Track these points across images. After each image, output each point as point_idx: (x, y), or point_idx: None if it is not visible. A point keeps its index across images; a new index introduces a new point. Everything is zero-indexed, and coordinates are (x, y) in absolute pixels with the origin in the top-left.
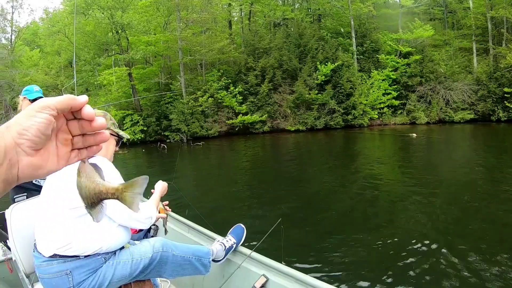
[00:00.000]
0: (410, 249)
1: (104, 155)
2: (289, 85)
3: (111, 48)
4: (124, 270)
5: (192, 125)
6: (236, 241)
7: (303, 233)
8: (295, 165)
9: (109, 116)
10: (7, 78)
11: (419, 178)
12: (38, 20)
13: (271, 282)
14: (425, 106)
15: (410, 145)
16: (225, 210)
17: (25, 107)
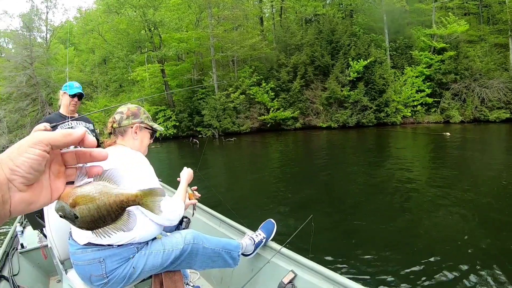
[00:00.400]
0: (441, 252)
1: (138, 148)
2: (321, 81)
3: (144, 45)
4: (156, 260)
5: (224, 121)
6: (266, 236)
7: (333, 231)
8: (327, 163)
9: (143, 110)
10: (43, 75)
11: (452, 179)
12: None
13: (299, 278)
14: (460, 104)
15: (443, 145)
16: (255, 205)
17: (64, 102)
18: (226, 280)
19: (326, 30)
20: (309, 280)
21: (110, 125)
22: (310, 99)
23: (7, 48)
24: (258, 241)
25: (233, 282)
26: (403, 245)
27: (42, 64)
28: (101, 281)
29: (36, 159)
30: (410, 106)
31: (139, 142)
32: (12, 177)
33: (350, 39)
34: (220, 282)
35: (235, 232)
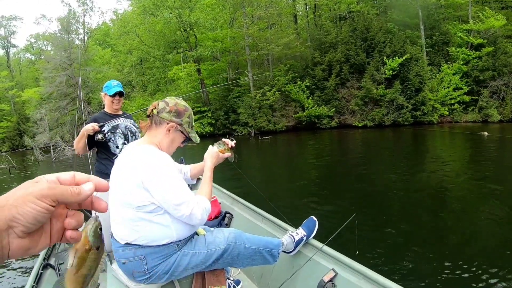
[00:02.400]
0: (486, 258)
1: (166, 147)
2: (357, 79)
3: (180, 45)
4: (198, 259)
5: (259, 119)
6: (307, 233)
7: (374, 231)
8: (364, 162)
9: (190, 113)
10: (82, 75)
11: (491, 181)
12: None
13: (340, 277)
14: (498, 102)
15: (481, 145)
16: (294, 204)
17: (107, 102)
18: (266, 276)
19: (361, 27)
20: (349, 279)
21: (151, 108)
22: (346, 98)
23: (47, 50)
24: (298, 239)
25: (273, 279)
26: (445, 248)
27: (81, 65)
28: (143, 276)
29: (42, 212)
30: (447, 105)
31: (169, 141)
32: (13, 224)
33: (385, 36)
34: (260, 278)
35: (276, 229)
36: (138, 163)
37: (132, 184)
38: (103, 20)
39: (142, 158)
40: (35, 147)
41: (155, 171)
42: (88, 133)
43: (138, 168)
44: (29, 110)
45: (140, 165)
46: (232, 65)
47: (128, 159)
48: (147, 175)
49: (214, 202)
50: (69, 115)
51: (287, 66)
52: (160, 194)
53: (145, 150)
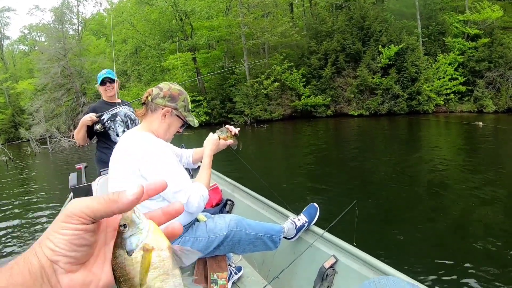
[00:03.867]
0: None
1: (163, 133)
2: (353, 68)
3: (175, 34)
4: (199, 246)
5: (255, 108)
6: (308, 220)
7: (374, 219)
8: (361, 150)
9: (185, 96)
10: (77, 65)
11: (484, 170)
12: (103, 11)
13: (340, 263)
14: (494, 93)
15: (476, 135)
16: (293, 191)
17: (102, 92)
18: (267, 262)
19: (357, 16)
20: (350, 265)
21: (146, 95)
22: (342, 87)
23: (40, 41)
24: (300, 225)
25: (274, 265)
26: (441, 233)
27: (75, 55)
28: None
29: (75, 234)
30: (443, 95)
31: (165, 127)
32: (55, 258)
33: (381, 26)
34: (261, 264)
35: (278, 216)
36: (134, 150)
37: (129, 172)
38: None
39: (138, 145)
40: (32, 139)
41: (151, 158)
42: (87, 124)
43: (135, 155)
44: (24, 102)
45: (137, 152)
46: (228, 54)
47: (124, 146)
48: (144, 162)
49: (215, 190)
50: (64, 106)
51: (283, 55)
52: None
53: (141, 137)
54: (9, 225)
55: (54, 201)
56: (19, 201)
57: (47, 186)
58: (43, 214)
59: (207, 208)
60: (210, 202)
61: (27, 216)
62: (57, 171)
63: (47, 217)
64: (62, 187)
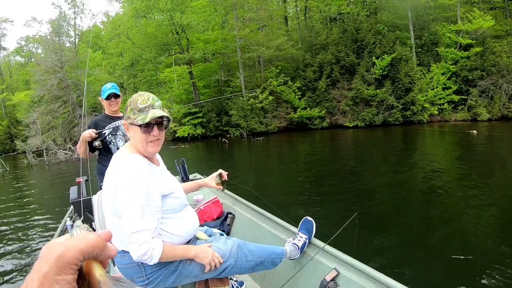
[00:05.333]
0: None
1: (141, 149)
2: (347, 80)
3: (171, 48)
4: (200, 268)
5: (251, 121)
6: (307, 236)
7: (371, 228)
8: (357, 161)
9: (133, 99)
10: (73, 78)
11: (479, 177)
12: (99, 24)
13: (342, 276)
14: (487, 101)
15: (470, 143)
16: (292, 204)
17: (105, 106)
18: (268, 276)
19: (351, 28)
20: (352, 278)
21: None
22: (337, 98)
23: (37, 53)
24: (301, 245)
25: (276, 279)
26: (441, 242)
27: (72, 68)
28: (143, 282)
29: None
30: (437, 104)
31: (135, 141)
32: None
33: (375, 37)
34: (263, 278)
35: (279, 228)
36: (115, 175)
37: (111, 196)
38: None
39: (118, 170)
40: (28, 151)
41: (122, 190)
42: (87, 140)
43: (114, 180)
44: (20, 114)
45: (115, 178)
46: (224, 67)
47: (111, 168)
48: (118, 193)
49: (216, 203)
50: (60, 118)
51: (279, 68)
52: (122, 215)
53: (122, 160)
54: (6, 238)
55: (51, 213)
56: (16, 212)
57: (44, 198)
58: (40, 225)
59: (208, 221)
60: (211, 215)
61: (24, 228)
62: (53, 184)
63: (44, 228)
64: (59, 199)
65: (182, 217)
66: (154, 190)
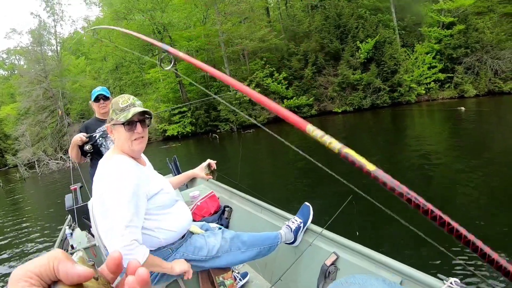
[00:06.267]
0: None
1: (127, 150)
2: (333, 66)
3: (155, 47)
4: (196, 259)
5: (240, 114)
6: (302, 221)
7: (368, 211)
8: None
9: (113, 101)
10: (58, 86)
11: (470, 152)
12: (80, 30)
13: (342, 260)
14: (473, 78)
15: (459, 120)
16: (288, 192)
17: (95, 109)
18: (270, 265)
19: (333, 14)
20: (351, 261)
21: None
22: (324, 85)
23: (20, 64)
24: (295, 227)
25: (277, 267)
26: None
27: (56, 76)
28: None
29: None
30: (423, 84)
31: (121, 141)
32: None
33: (357, 22)
34: (264, 267)
35: (276, 218)
36: (102, 177)
37: (101, 197)
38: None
39: (105, 172)
40: (20, 165)
41: (110, 190)
42: (78, 144)
43: (101, 183)
44: (8, 128)
45: (103, 180)
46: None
47: (99, 171)
48: (105, 192)
49: (212, 197)
50: (49, 128)
51: (264, 59)
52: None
53: (108, 162)
54: (5, 253)
55: (49, 224)
56: (14, 227)
57: (40, 209)
58: (39, 236)
59: (206, 216)
60: (208, 210)
61: (23, 241)
62: (48, 194)
63: (44, 238)
64: (56, 209)
65: (174, 212)
66: (141, 192)
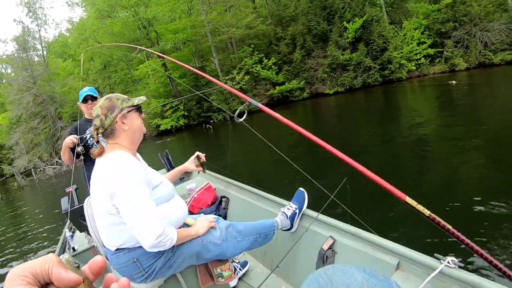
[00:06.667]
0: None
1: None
2: (322, 48)
3: (141, 43)
4: (193, 250)
5: (232, 103)
6: (298, 207)
7: (364, 192)
8: (342, 126)
9: (114, 96)
10: (48, 91)
11: (463, 125)
12: (65, 32)
13: (339, 243)
14: (463, 51)
15: (451, 94)
16: (283, 179)
17: (84, 110)
18: (269, 253)
19: None
20: (348, 244)
21: (95, 133)
22: (314, 68)
23: (7, 73)
24: (290, 214)
25: (277, 254)
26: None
27: (44, 81)
28: (142, 277)
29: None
30: (413, 60)
31: (131, 130)
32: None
33: (343, 2)
34: (264, 255)
35: (272, 205)
36: (107, 174)
37: (106, 194)
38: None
39: (110, 167)
40: (17, 173)
41: (123, 192)
42: (69, 146)
43: (108, 180)
44: (1, 138)
45: (109, 178)
46: (196, 54)
47: (100, 169)
48: (116, 195)
49: (209, 189)
50: (42, 134)
51: (252, 46)
52: (123, 214)
53: (112, 157)
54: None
55: (51, 228)
56: (15, 233)
57: (41, 215)
58: (41, 241)
59: (203, 208)
60: (205, 201)
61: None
62: (47, 199)
63: (45, 242)
64: (56, 213)
65: (171, 206)
66: (149, 183)
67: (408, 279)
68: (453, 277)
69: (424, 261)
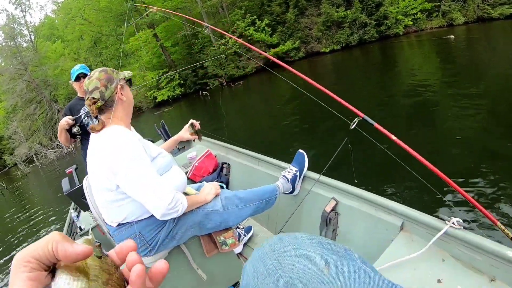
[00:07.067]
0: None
1: (127, 108)
2: (315, 6)
3: (130, 16)
4: (195, 218)
5: (227, 67)
6: (298, 169)
7: (365, 152)
8: (340, 86)
9: (109, 69)
10: (40, 76)
11: (463, 79)
12: (51, 14)
13: (341, 205)
14: (461, 5)
15: (450, 49)
16: (283, 142)
17: (77, 89)
18: (272, 217)
19: None
20: (351, 205)
21: (94, 107)
22: (308, 26)
23: None
24: (291, 177)
25: (280, 218)
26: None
27: (36, 66)
28: (146, 250)
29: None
30: (410, 15)
31: (128, 102)
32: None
33: None
34: (267, 220)
35: (273, 168)
36: (105, 149)
37: (105, 170)
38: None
39: (109, 144)
40: (19, 162)
41: (123, 165)
42: (65, 128)
43: (106, 155)
44: None
45: (108, 153)
46: (188, 21)
47: (96, 144)
48: (118, 172)
49: (209, 156)
50: (40, 120)
51: (243, 8)
52: (129, 189)
53: (109, 132)
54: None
55: (58, 211)
56: (24, 220)
57: (47, 199)
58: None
59: (205, 176)
60: (207, 169)
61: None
62: (52, 183)
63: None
64: (61, 196)
65: (170, 177)
66: (147, 153)
67: (412, 240)
68: (458, 238)
69: (429, 222)
